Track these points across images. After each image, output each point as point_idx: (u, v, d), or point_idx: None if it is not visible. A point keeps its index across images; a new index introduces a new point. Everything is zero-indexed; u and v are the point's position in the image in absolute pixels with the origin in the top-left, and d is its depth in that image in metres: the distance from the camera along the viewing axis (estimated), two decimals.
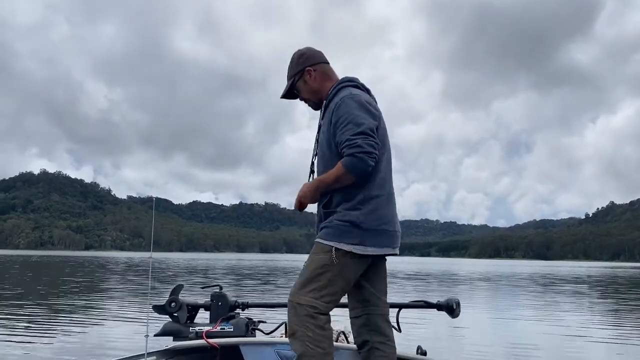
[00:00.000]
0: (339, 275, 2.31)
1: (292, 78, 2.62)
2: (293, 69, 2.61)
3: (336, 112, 2.38)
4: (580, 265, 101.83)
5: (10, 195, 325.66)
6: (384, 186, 2.44)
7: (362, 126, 2.28)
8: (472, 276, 35.08)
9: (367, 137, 2.26)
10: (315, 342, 2.24)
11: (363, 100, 2.40)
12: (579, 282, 30.59)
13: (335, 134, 2.36)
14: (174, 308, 3.14)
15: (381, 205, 2.39)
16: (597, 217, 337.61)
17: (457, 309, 3.15)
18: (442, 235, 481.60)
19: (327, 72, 2.61)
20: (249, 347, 3.00)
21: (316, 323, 2.27)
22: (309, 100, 2.64)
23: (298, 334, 2.28)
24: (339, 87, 2.51)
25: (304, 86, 2.60)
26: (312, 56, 2.61)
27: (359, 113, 2.33)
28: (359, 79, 2.62)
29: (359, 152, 2.22)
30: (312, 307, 2.27)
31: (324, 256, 2.31)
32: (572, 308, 14.53)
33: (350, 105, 2.36)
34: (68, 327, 8.67)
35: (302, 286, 2.33)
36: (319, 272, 2.31)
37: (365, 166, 2.24)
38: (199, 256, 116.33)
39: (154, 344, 2.88)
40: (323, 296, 2.29)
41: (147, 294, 13.75)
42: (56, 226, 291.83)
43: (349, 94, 2.41)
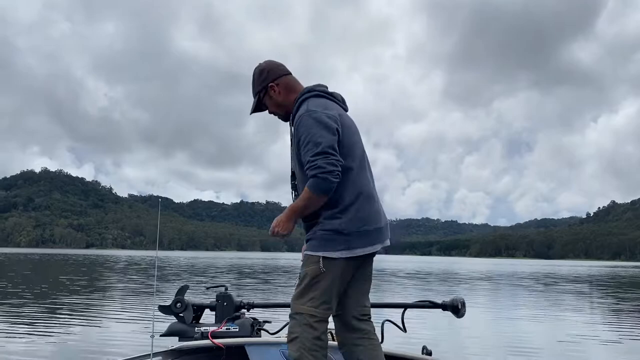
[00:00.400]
0: (332, 283, 2.42)
1: (257, 95, 2.67)
2: (257, 86, 2.66)
3: (297, 131, 2.46)
4: (581, 265, 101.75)
5: (11, 194, 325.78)
6: (361, 190, 2.49)
7: (320, 145, 2.33)
8: (473, 275, 35.08)
9: (327, 156, 2.32)
10: (310, 350, 2.36)
11: (320, 116, 2.42)
12: (580, 281, 30.58)
13: (300, 154, 2.44)
14: (179, 308, 3.16)
15: (361, 208, 2.45)
16: (599, 217, 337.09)
17: (462, 309, 3.16)
18: (443, 234, 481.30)
19: (291, 84, 2.65)
20: (255, 347, 3.01)
21: (314, 334, 2.39)
22: (276, 113, 2.70)
23: (296, 340, 2.39)
24: (300, 100, 2.56)
25: (270, 101, 2.65)
26: (273, 71, 2.65)
27: (317, 131, 2.37)
28: (322, 84, 2.65)
29: (321, 173, 2.30)
30: (311, 315, 2.40)
31: (315, 267, 2.41)
32: (574, 308, 14.53)
33: (308, 124, 2.40)
34: (72, 327, 8.68)
35: (300, 297, 2.44)
36: (313, 283, 2.42)
37: (328, 185, 2.32)
38: (200, 255, 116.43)
39: (159, 344, 2.89)
40: (321, 304, 2.41)
41: (152, 294, 13.77)
42: (57, 224, 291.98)
43: (305, 111, 2.45)
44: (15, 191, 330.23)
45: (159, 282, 19.58)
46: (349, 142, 2.49)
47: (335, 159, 2.34)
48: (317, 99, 2.54)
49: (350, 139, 2.52)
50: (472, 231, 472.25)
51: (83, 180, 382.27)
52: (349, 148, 2.48)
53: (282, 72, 2.66)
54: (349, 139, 2.50)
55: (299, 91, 2.62)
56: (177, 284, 18.84)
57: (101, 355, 6.16)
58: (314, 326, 2.40)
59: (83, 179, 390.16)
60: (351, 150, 2.50)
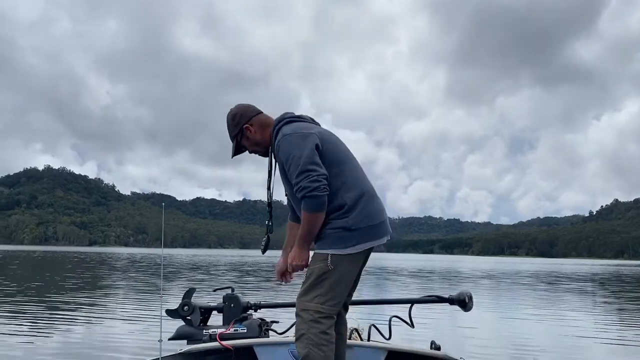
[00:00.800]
0: (339, 279, 2.51)
1: (234, 139, 2.77)
2: (232, 130, 2.77)
3: (278, 157, 2.61)
4: (584, 263, 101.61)
5: (14, 191, 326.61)
6: (363, 190, 2.60)
7: (300, 164, 2.45)
8: (476, 274, 35.06)
9: (308, 174, 2.43)
10: (317, 345, 2.41)
11: (294, 137, 2.54)
12: (584, 280, 30.53)
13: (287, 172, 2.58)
14: (187, 311, 3.15)
15: (366, 206, 2.56)
16: (601, 215, 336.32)
17: (469, 303, 3.15)
18: (446, 233, 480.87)
19: (264, 121, 2.75)
20: (263, 347, 3.01)
21: (321, 328, 2.44)
22: (256, 151, 2.82)
23: (303, 337, 2.45)
24: (275, 131, 2.67)
25: (248, 142, 2.76)
26: (245, 113, 2.76)
27: (294, 151, 2.49)
28: (289, 112, 2.77)
29: (308, 192, 2.41)
30: (318, 312, 2.46)
31: (322, 264, 2.49)
32: (578, 306, 14.51)
33: (284, 148, 2.53)
34: (78, 329, 8.65)
35: (306, 293, 2.51)
36: (320, 280, 2.49)
37: (319, 200, 2.43)
38: (203, 252, 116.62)
39: (168, 347, 2.89)
40: (327, 300, 2.48)
41: (158, 295, 13.76)
42: (60, 222, 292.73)
43: (281, 137, 2.58)
44: (18, 188, 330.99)
45: (164, 280, 19.59)
46: (335, 150, 2.62)
47: (317, 173, 2.44)
48: (289, 124, 2.64)
49: (337, 146, 2.65)
50: (474, 229, 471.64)
51: (86, 178, 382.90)
52: (338, 155, 2.61)
53: (254, 113, 2.77)
54: (335, 147, 2.64)
55: (272, 125, 2.73)
56: (182, 282, 18.87)
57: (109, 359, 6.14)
58: (321, 321, 2.45)
59: (86, 176, 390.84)
60: (341, 156, 2.63)
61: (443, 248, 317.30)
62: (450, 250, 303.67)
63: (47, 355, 6.46)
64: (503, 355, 6.78)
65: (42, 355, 6.46)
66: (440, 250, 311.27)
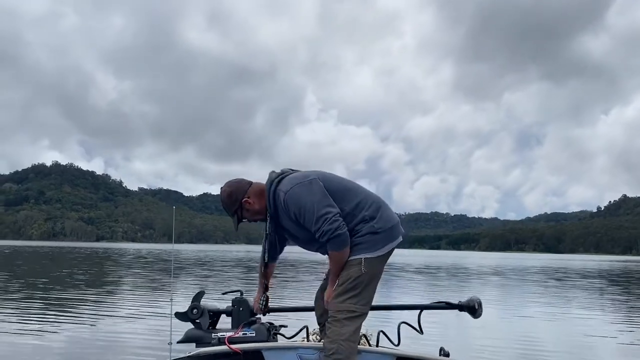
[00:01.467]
0: (371, 280, 2.70)
1: (234, 214, 2.90)
2: (231, 207, 2.89)
3: (287, 209, 2.71)
4: (592, 259, 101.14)
5: (23, 187, 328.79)
6: (379, 203, 2.81)
7: (315, 211, 2.61)
8: (483, 270, 34.97)
9: (325, 216, 2.59)
10: (347, 341, 2.56)
11: (296, 188, 2.68)
12: (592, 276, 30.38)
13: (300, 222, 2.70)
14: (196, 314, 3.15)
15: (385, 211, 2.80)
16: (609, 210, 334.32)
17: (479, 309, 3.13)
18: (453, 228, 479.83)
19: (258, 190, 2.85)
20: (272, 351, 3.01)
21: (353, 326, 2.61)
22: (257, 219, 2.93)
23: (334, 334, 2.59)
24: (272, 195, 2.77)
25: (249, 213, 2.89)
26: (240, 189, 2.87)
27: (304, 201, 2.64)
28: (274, 170, 2.89)
29: (331, 234, 2.58)
30: (351, 311, 2.63)
31: (356, 269, 2.65)
32: (587, 304, 14.43)
33: (293, 201, 2.66)
34: (86, 327, 8.68)
35: (339, 296, 2.67)
36: (354, 284, 2.65)
37: (342, 238, 2.61)
38: (210, 248, 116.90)
39: (177, 350, 2.89)
40: (359, 300, 2.65)
41: (166, 293, 13.80)
42: (68, 217, 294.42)
43: (284, 195, 2.70)
44: (26, 184, 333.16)
45: (173, 278, 19.65)
46: (337, 182, 2.81)
47: (332, 214, 2.61)
48: (282, 182, 2.77)
49: (337, 178, 2.84)
50: (481, 225, 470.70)
51: (93, 174, 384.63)
52: (342, 185, 2.80)
53: (247, 185, 2.88)
54: (335, 179, 2.81)
55: (265, 190, 2.83)
56: (190, 280, 18.94)
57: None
58: (353, 320, 2.62)
59: (93, 172, 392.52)
60: (345, 184, 2.82)
61: (450, 244, 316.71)
62: (457, 246, 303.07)
63: (56, 354, 6.50)
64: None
65: (51, 354, 6.49)
66: (447, 246, 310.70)
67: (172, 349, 2.72)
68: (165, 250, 72.64)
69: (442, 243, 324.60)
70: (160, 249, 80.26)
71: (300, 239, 2.87)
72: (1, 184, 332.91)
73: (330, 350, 2.56)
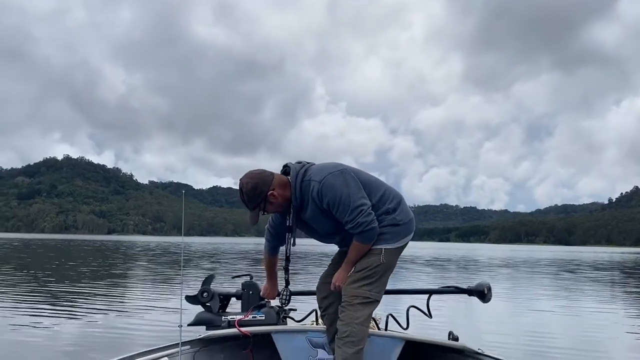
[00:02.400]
0: (387, 270, 2.76)
1: (256, 207, 2.73)
2: (254, 200, 2.71)
3: (321, 198, 2.66)
4: (604, 251, 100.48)
5: (35, 180, 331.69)
6: (400, 197, 2.87)
7: (351, 202, 2.62)
8: (494, 262, 34.86)
9: (361, 208, 2.62)
10: (359, 324, 2.61)
11: (330, 178, 2.66)
12: (604, 268, 30.17)
13: (331, 212, 2.68)
14: (206, 298, 3.19)
15: (404, 204, 2.87)
16: (621, 202, 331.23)
17: (488, 294, 3.13)
18: (462, 221, 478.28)
19: (282, 182, 2.75)
20: (281, 334, 3.04)
21: (367, 311, 2.66)
22: (279, 212, 2.85)
23: (348, 318, 2.63)
24: (301, 184, 2.72)
25: (272, 206, 2.76)
26: (264, 181, 2.71)
27: (341, 191, 2.63)
28: (292, 162, 2.83)
29: (366, 227, 2.63)
30: (366, 297, 2.68)
31: (375, 258, 2.71)
32: (597, 296, 14.35)
33: (329, 191, 2.64)
34: (99, 315, 8.79)
35: (356, 282, 2.71)
36: (371, 272, 2.70)
37: (374, 232, 2.68)
38: (220, 240, 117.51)
39: (187, 333, 2.92)
40: (374, 288, 2.71)
41: (177, 282, 13.94)
42: (80, 211, 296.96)
43: (318, 185, 2.66)
44: (38, 178, 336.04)
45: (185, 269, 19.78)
46: (362, 173, 2.83)
47: (367, 207, 2.65)
48: (308, 171, 2.74)
49: (360, 171, 2.85)
50: (491, 217, 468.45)
51: (104, 167, 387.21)
52: (367, 177, 2.82)
53: (271, 177, 2.74)
54: (360, 171, 2.83)
55: (287, 180, 2.76)
56: (200, 269, 19.06)
57: (130, 345, 6.23)
58: (367, 306, 2.68)
59: (104, 165, 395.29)
60: (368, 177, 2.84)
61: (459, 236, 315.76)
62: (467, 239, 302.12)
63: (68, 341, 6.59)
64: (522, 347, 6.73)
65: (63, 341, 6.58)
66: (457, 238, 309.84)
67: (182, 331, 2.75)
68: (174, 243, 73.12)
69: (451, 235, 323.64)
70: (172, 241, 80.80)
71: (320, 231, 2.87)
72: (13, 178, 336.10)
73: (345, 332, 2.61)
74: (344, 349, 2.58)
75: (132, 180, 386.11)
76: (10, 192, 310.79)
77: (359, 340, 2.59)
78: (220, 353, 3.15)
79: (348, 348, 2.57)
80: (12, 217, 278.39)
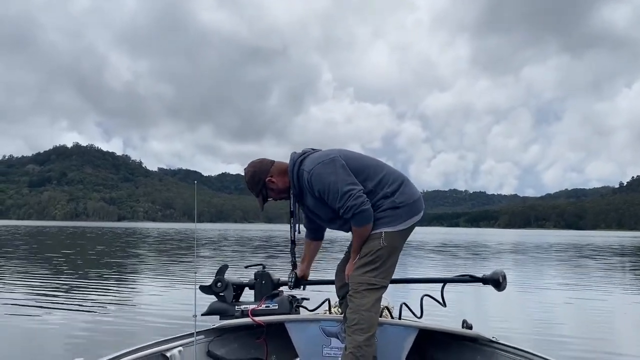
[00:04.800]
0: (391, 254, 2.71)
1: (259, 194, 2.93)
2: (256, 187, 2.92)
3: (312, 187, 2.74)
4: (615, 235, 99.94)
5: (45, 168, 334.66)
6: (402, 178, 2.83)
7: (339, 189, 2.64)
8: (504, 247, 34.79)
9: (349, 193, 2.63)
10: (367, 311, 2.60)
11: (319, 167, 2.72)
12: (616, 254, 30.01)
13: (324, 200, 2.74)
14: (220, 288, 3.20)
15: (406, 187, 2.82)
16: (632, 186, 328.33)
17: (503, 282, 3.10)
18: (471, 206, 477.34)
19: (280, 168, 2.89)
20: (294, 324, 3.05)
21: (373, 297, 2.64)
22: (282, 198, 2.96)
23: (355, 305, 2.63)
24: (297, 173, 2.82)
25: (273, 192, 2.93)
26: (262, 169, 2.91)
27: (329, 179, 2.68)
28: (295, 152, 2.91)
29: (356, 210, 2.62)
30: (371, 284, 2.66)
31: (375, 242, 2.68)
32: (610, 282, 14.27)
33: (318, 180, 2.70)
34: (113, 305, 8.84)
35: (359, 269, 2.70)
36: (373, 257, 2.68)
37: (366, 214, 2.65)
38: (230, 227, 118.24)
39: (201, 322, 2.94)
40: (379, 274, 2.68)
41: (190, 271, 14.03)
42: (90, 198, 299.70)
43: (308, 174, 2.74)
44: (49, 166, 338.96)
45: (198, 257, 19.93)
46: (359, 159, 2.83)
47: (355, 191, 2.65)
48: (305, 161, 2.81)
49: (358, 156, 2.86)
50: (500, 202, 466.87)
51: (114, 155, 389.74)
52: (363, 162, 2.82)
53: (269, 165, 2.92)
54: (356, 157, 2.83)
55: (287, 167, 2.88)
56: (213, 258, 19.19)
57: (145, 334, 6.27)
58: (373, 292, 2.66)
59: (113, 153, 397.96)
60: (367, 162, 2.84)
61: (469, 221, 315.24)
62: (476, 224, 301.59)
63: (81, 330, 6.65)
64: (536, 336, 6.71)
65: (77, 330, 6.64)
66: (466, 223, 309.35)
67: (196, 321, 2.77)
68: (187, 229, 73.57)
69: (460, 220, 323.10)
70: (182, 228, 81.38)
71: (322, 217, 2.90)
72: (24, 166, 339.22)
73: (353, 320, 2.61)
74: (354, 336, 2.59)
75: (142, 168, 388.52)
76: (22, 180, 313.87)
77: (369, 327, 2.60)
78: (234, 342, 3.17)
79: (358, 336, 2.58)
80: (23, 204, 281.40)
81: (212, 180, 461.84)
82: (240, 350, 3.16)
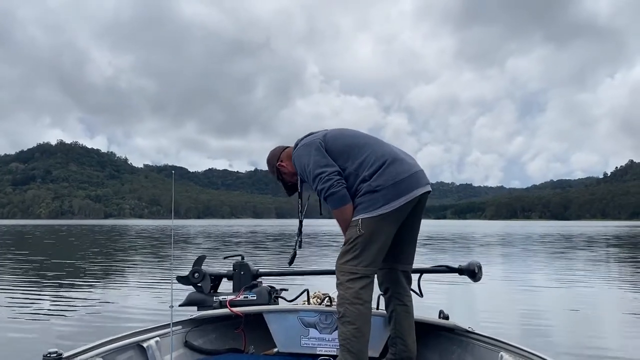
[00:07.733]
0: (371, 241, 2.56)
1: (278, 179, 3.04)
2: (272, 173, 3.06)
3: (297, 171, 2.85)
4: (599, 225, 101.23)
5: (29, 166, 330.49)
6: (385, 158, 2.66)
7: (311, 171, 2.67)
8: (489, 239, 35.09)
9: (320, 176, 2.62)
10: (352, 304, 2.52)
11: (299, 150, 2.79)
12: (599, 243, 30.43)
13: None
14: (197, 278, 3.19)
15: (389, 168, 2.62)
16: (616, 176, 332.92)
17: (478, 273, 3.14)
18: (458, 198, 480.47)
19: (289, 153, 2.97)
20: (273, 314, 3.05)
21: (355, 287, 2.54)
22: (295, 181, 2.98)
23: (340, 297, 2.57)
24: (294, 153, 2.91)
25: (287, 176, 2.99)
26: (274, 155, 3.03)
27: (303, 162, 2.73)
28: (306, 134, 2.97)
29: (326, 192, 2.59)
30: (352, 272, 2.56)
31: (353, 230, 2.58)
32: (592, 271, 14.47)
33: (296, 163, 2.81)
34: (90, 298, 8.78)
35: (340, 258, 2.63)
36: (352, 245, 2.58)
37: (338, 195, 2.58)
38: (217, 223, 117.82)
39: (179, 313, 2.93)
40: (360, 262, 2.56)
41: (169, 264, 13.97)
42: (75, 196, 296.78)
43: (294, 153, 2.85)
44: (32, 164, 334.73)
45: (175, 249, 19.85)
46: (342, 139, 2.77)
47: (326, 173, 2.61)
48: (302, 141, 2.87)
49: (346, 137, 2.79)
50: (487, 194, 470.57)
51: (98, 152, 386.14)
52: (347, 142, 2.74)
53: (281, 150, 3.03)
54: (343, 138, 2.77)
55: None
56: (193, 251, 19.12)
57: (121, 326, 6.25)
58: (355, 281, 2.55)
59: (98, 150, 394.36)
60: (353, 141, 2.75)
61: (455, 213, 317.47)
62: (463, 215, 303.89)
63: (57, 321, 6.61)
64: (514, 326, 6.78)
65: (52, 321, 6.61)
66: (453, 215, 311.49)
67: (174, 312, 2.76)
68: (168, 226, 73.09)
69: (447, 213, 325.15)
70: (167, 224, 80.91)
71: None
72: (7, 164, 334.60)
73: (339, 313, 2.56)
74: (342, 328, 2.54)
75: (127, 164, 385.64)
76: (5, 179, 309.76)
77: (354, 320, 2.51)
78: (212, 333, 3.16)
79: (345, 327, 2.53)
80: (7, 203, 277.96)
81: (199, 176, 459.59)
82: (218, 341, 3.15)
